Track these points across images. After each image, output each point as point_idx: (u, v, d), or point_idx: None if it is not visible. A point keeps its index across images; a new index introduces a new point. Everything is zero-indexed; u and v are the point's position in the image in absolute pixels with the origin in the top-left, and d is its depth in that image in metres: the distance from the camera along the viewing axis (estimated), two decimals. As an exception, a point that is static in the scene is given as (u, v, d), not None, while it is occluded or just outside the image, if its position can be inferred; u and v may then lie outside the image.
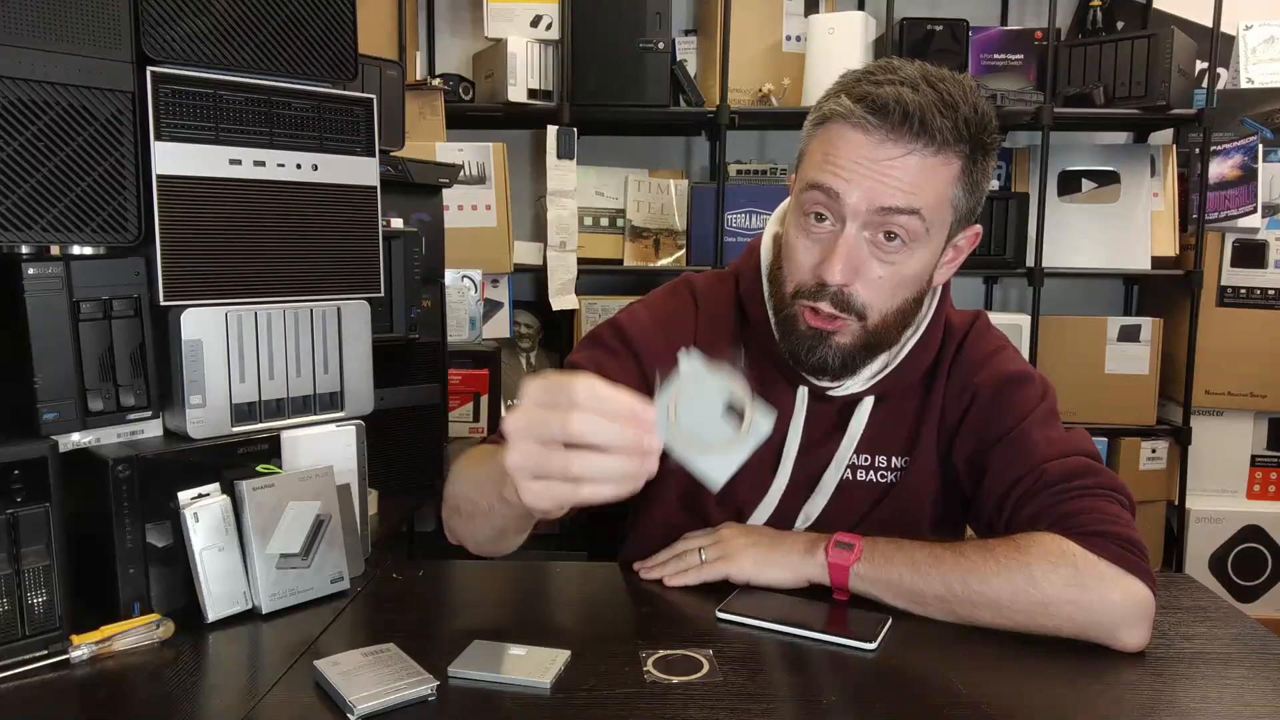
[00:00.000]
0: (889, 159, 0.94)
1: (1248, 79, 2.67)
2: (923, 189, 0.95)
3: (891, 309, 1.01)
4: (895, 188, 0.94)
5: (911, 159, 0.94)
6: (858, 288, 0.98)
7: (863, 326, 1.01)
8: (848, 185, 0.95)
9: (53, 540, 0.88)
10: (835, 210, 0.97)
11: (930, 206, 0.96)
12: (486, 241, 2.47)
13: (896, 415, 1.11)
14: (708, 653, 0.86)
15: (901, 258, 0.98)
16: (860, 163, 0.95)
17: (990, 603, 0.92)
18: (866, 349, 1.03)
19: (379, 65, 1.72)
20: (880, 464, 1.11)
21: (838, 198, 0.96)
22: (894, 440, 1.10)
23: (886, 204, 0.95)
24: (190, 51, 0.98)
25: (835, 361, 1.02)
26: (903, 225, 0.96)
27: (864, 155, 0.95)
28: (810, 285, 1.00)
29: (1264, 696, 0.81)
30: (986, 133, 0.98)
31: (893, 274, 0.98)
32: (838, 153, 0.96)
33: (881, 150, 0.94)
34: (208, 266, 1.00)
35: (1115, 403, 2.66)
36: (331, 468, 1.05)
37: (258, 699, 0.80)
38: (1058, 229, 2.66)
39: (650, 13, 2.48)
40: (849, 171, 0.95)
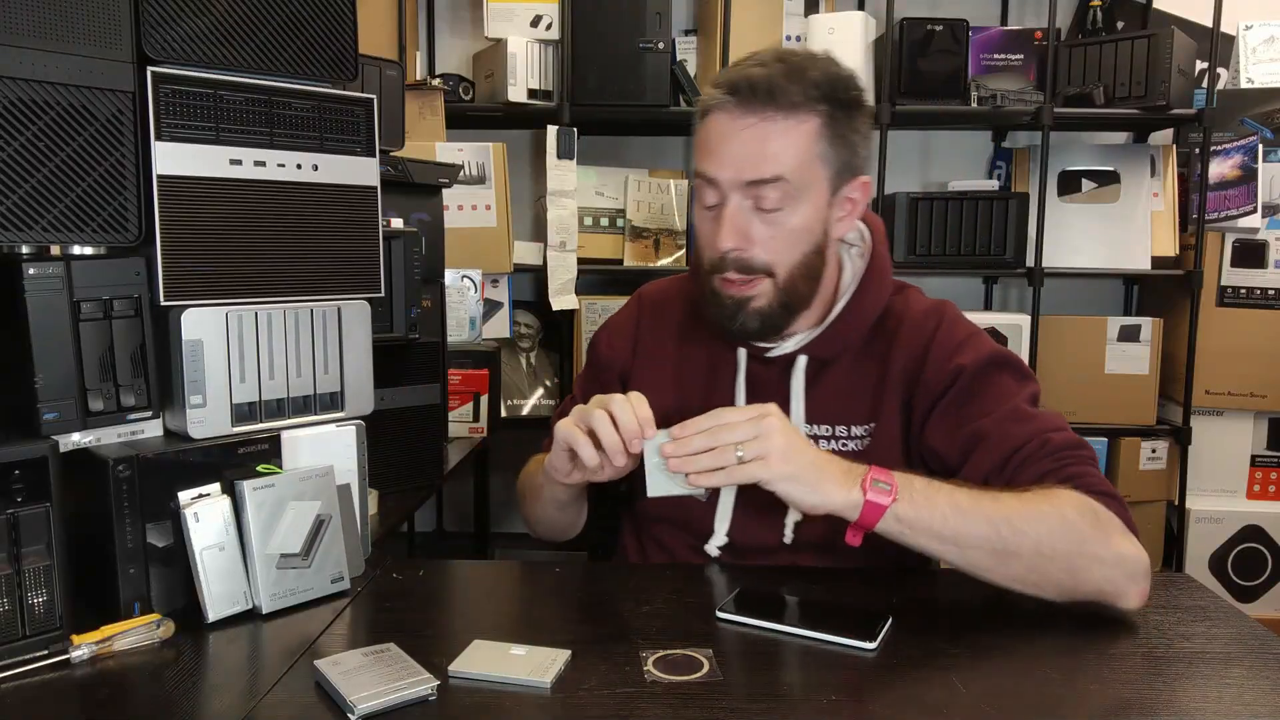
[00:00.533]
0: (746, 128, 1.05)
1: (1248, 79, 2.67)
2: (781, 153, 1.05)
3: (795, 262, 1.10)
4: (757, 159, 1.05)
5: (766, 125, 1.05)
6: (755, 250, 1.08)
7: (773, 284, 1.10)
8: (719, 166, 1.07)
9: (53, 540, 0.88)
10: (718, 190, 1.09)
11: (793, 168, 1.06)
12: (486, 241, 2.47)
13: (853, 384, 1.15)
14: (708, 653, 0.86)
15: (784, 216, 1.08)
16: (725, 141, 1.06)
17: (1030, 549, 0.94)
18: (784, 307, 1.11)
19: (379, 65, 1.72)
20: (841, 433, 1.15)
21: (715, 180, 1.08)
22: (854, 409, 1.15)
23: (750, 177, 1.06)
24: (190, 51, 0.98)
25: (754, 323, 1.11)
26: (770, 194, 1.06)
27: (727, 135, 1.06)
28: (715, 258, 1.10)
29: (1264, 696, 0.81)
30: (842, 90, 1.08)
31: (780, 232, 1.08)
32: (709, 139, 1.08)
33: (740, 123, 1.05)
34: (208, 266, 1.00)
35: (1115, 403, 2.66)
36: (331, 468, 1.05)
37: (258, 699, 0.80)
38: (1058, 229, 2.66)
39: (650, 13, 2.47)
40: (717, 154, 1.07)
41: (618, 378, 1.26)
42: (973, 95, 2.57)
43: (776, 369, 1.17)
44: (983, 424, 1.08)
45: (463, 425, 2.07)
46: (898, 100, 2.53)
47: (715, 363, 1.20)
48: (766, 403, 1.01)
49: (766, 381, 1.17)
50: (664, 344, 1.25)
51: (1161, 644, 0.91)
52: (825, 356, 1.16)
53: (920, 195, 2.57)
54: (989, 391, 1.10)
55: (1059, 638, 0.92)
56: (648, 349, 1.26)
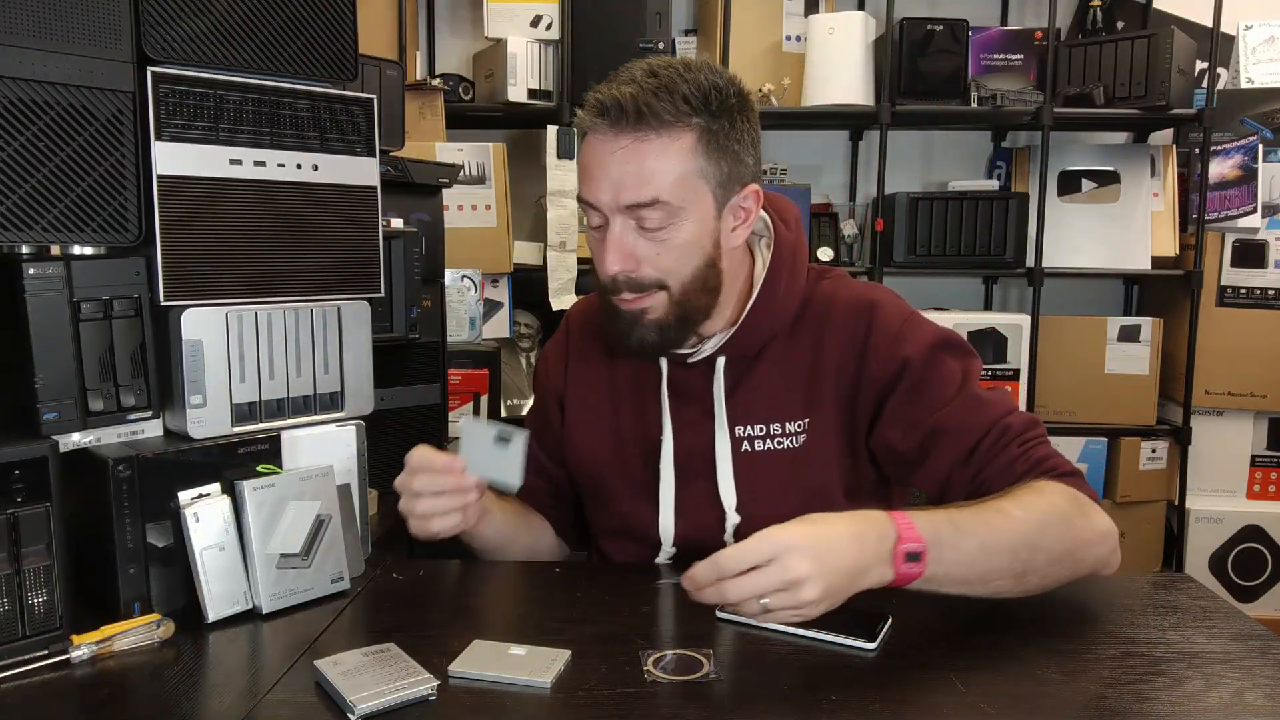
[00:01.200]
0: (620, 150, 1.02)
1: (1248, 79, 2.67)
2: (656, 174, 1.02)
3: (687, 276, 1.07)
4: (631, 182, 1.02)
5: (640, 146, 1.02)
6: (643, 269, 1.06)
7: (668, 296, 1.07)
8: (596, 190, 1.05)
9: (53, 540, 0.88)
10: (600, 214, 1.06)
11: (669, 188, 1.02)
12: (486, 241, 2.47)
13: (783, 378, 1.13)
14: (708, 653, 0.86)
15: (668, 233, 1.04)
16: (600, 165, 1.04)
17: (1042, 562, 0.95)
18: (680, 320, 1.09)
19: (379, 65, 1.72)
20: (775, 430, 1.12)
21: (595, 205, 1.06)
22: (786, 405, 1.13)
23: (627, 201, 1.03)
24: (190, 51, 0.98)
25: (651, 337, 1.09)
26: (650, 215, 1.03)
27: (601, 157, 1.04)
28: (606, 279, 1.07)
29: (1264, 696, 0.81)
30: (717, 100, 1.04)
31: (667, 249, 1.05)
32: (586, 164, 1.07)
33: (613, 144, 1.03)
34: (208, 266, 1.00)
35: (1115, 403, 2.66)
36: (331, 468, 1.05)
37: (258, 699, 0.80)
38: (1058, 229, 2.66)
39: (650, 13, 2.47)
40: (595, 179, 1.05)
41: (556, 402, 1.26)
42: (973, 95, 2.57)
43: (698, 373, 1.14)
44: (940, 418, 1.06)
45: (463, 425, 2.07)
46: (898, 100, 2.53)
47: (640, 374, 1.19)
48: (763, 533, 0.85)
49: (690, 386, 1.15)
50: (594, 361, 1.23)
51: (1161, 644, 0.91)
52: (745, 354, 1.13)
53: (920, 195, 2.57)
54: (937, 380, 1.08)
55: (1059, 638, 0.92)
56: (578, 369, 1.24)
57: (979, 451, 1.05)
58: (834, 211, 2.81)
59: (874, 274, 2.59)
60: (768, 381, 1.13)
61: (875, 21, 2.60)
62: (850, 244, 2.73)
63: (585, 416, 1.22)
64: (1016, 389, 2.59)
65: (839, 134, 2.95)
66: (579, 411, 1.23)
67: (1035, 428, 1.07)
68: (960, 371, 1.09)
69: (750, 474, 1.12)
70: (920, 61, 2.52)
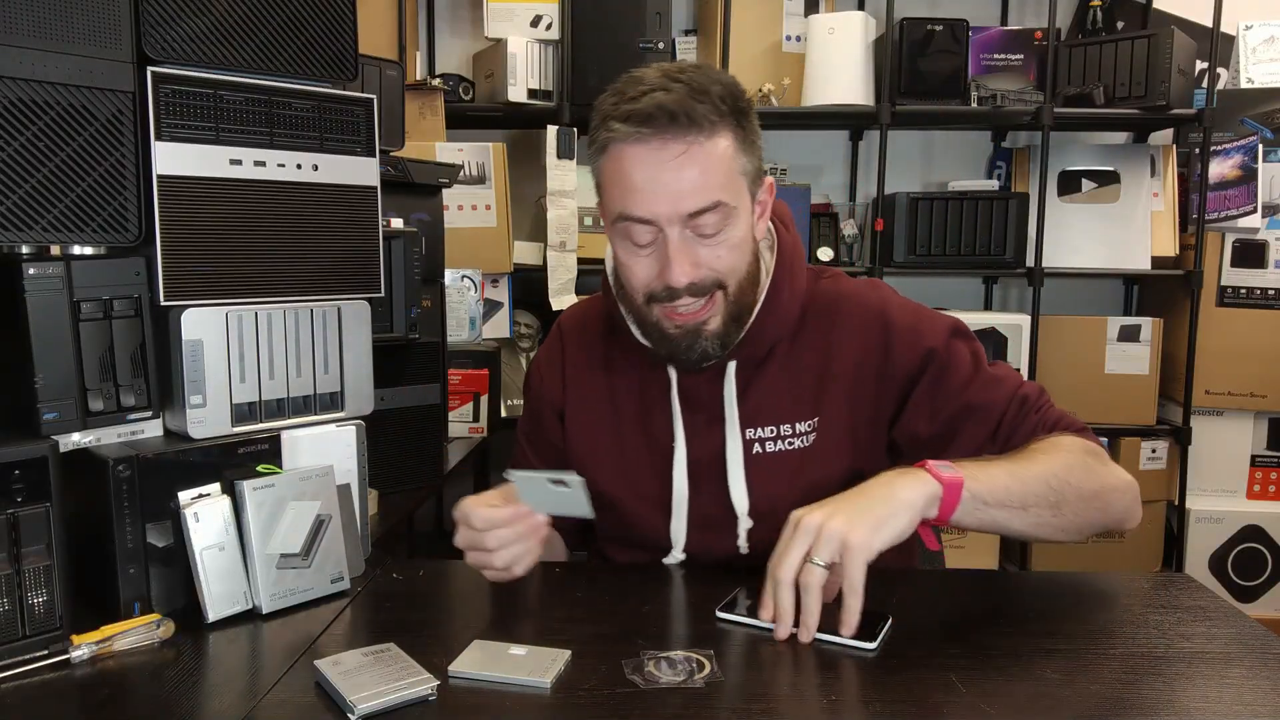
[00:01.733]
0: (675, 158, 0.99)
1: (1248, 79, 2.67)
2: (711, 176, 1.01)
3: (742, 273, 1.07)
4: (691, 188, 1.00)
5: (693, 151, 1.00)
6: (704, 271, 1.04)
7: (724, 296, 1.06)
8: (653, 205, 1.01)
9: (53, 540, 0.88)
10: (653, 228, 1.02)
11: (725, 188, 1.02)
12: (486, 241, 2.47)
13: (792, 379, 1.14)
14: (708, 653, 0.86)
15: (726, 234, 1.04)
16: (653, 177, 1.00)
17: (1074, 495, 1.00)
18: (734, 322, 1.08)
19: (379, 65, 1.72)
20: (786, 431, 1.13)
21: (650, 221, 1.02)
22: (795, 405, 1.14)
23: (690, 209, 1.01)
24: (190, 51, 0.98)
25: (715, 348, 1.08)
26: (713, 216, 1.02)
27: (653, 170, 1.00)
28: (660, 291, 1.04)
29: (1264, 696, 0.81)
30: (741, 99, 1.04)
31: (724, 249, 1.04)
32: (630, 178, 1.01)
33: (665, 154, 0.99)
34: (208, 266, 1.00)
35: (1115, 403, 2.66)
36: (331, 468, 1.05)
37: (258, 699, 0.80)
38: (1058, 229, 2.66)
39: (650, 13, 2.47)
40: (647, 192, 1.00)
41: (555, 415, 1.23)
42: (973, 95, 2.57)
43: (707, 379, 1.13)
44: (964, 399, 1.10)
45: (463, 425, 2.07)
46: (898, 100, 2.53)
47: (645, 381, 1.17)
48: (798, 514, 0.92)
49: (699, 393, 1.14)
50: (592, 370, 1.21)
51: (1161, 644, 0.91)
52: (755, 357, 1.13)
53: (920, 195, 2.57)
54: (956, 364, 1.12)
55: (1059, 638, 0.92)
56: (577, 380, 1.22)
57: (1004, 425, 1.10)
58: (834, 211, 2.81)
59: (874, 274, 2.59)
60: (777, 383, 1.14)
61: (875, 21, 2.60)
62: (850, 244, 2.73)
63: (588, 428, 1.21)
64: (1016, 389, 2.59)
65: (839, 134, 2.95)
66: (581, 423, 1.21)
67: (1045, 394, 1.13)
68: (970, 353, 1.13)
69: (761, 476, 1.12)
70: (920, 61, 2.52)
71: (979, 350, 1.15)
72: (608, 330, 1.21)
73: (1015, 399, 1.10)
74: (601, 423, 1.20)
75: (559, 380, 1.24)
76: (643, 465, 1.16)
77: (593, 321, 1.25)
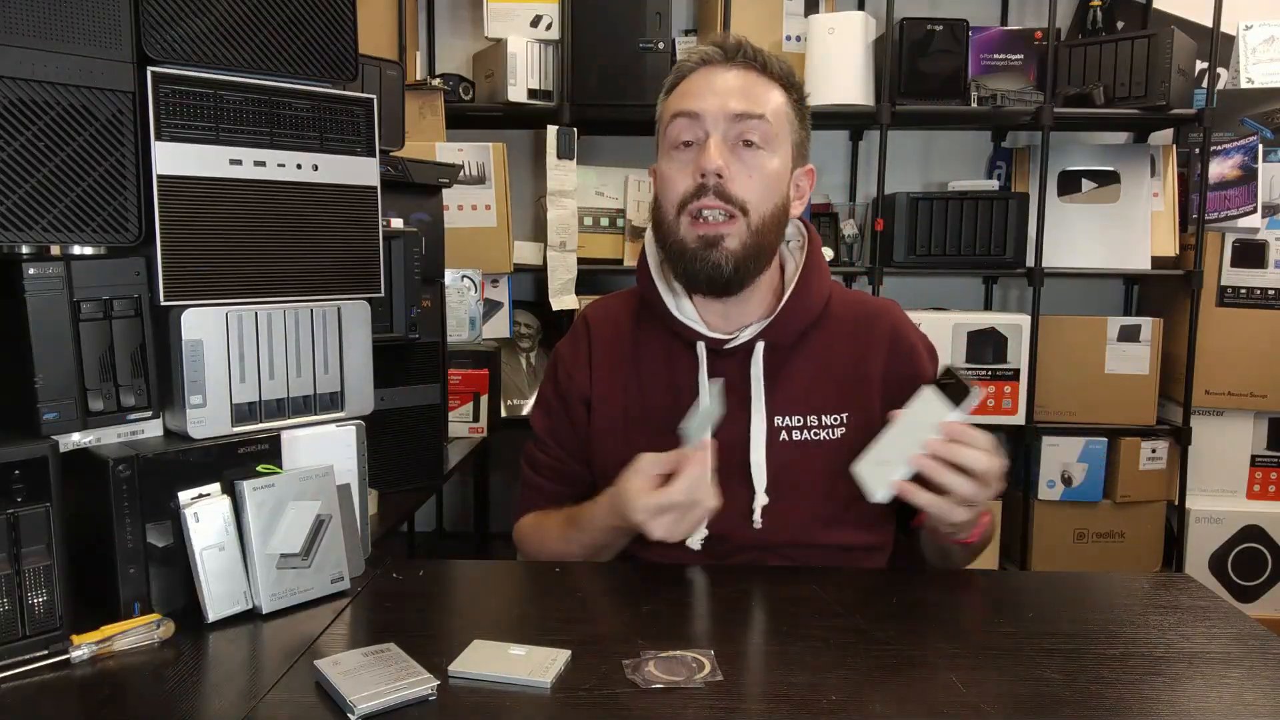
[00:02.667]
0: (736, 74, 1.14)
1: (1248, 79, 2.67)
2: (762, 99, 1.13)
3: (767, 208, 1.13)
4: (745, 95, 1.12)
5: (750, 74, 1.14)
6: (734, 181, 1.11)
7: (747, 224, 1.12)
8: (705, 101, 1.12)
9: (53, 540, 0.88)
10: (698, 130, 1.13)
11: (772, 113, 1.13)
12: (486, 241, 2.47)
13: (819, 373, 1.19)
14: (709, 653, 0.86)
15: (762, 157, 1.13)
16: (711, 84, 1.13)
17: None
18: (754, 252, 1.13)
19: (379, 65, 1.72)
20: (813, 422, 1.17)
21: (698, 116, 1.12)
22: (823, 399, 1.18)
23: (738, 110, 1.11)
24: (191, 51, 0.98)
25: (729, 264, 1.12)
26: (755, 129, 1.12)
27: (712, 79, 1.14)
28: (691, 189, 1.12)
29: (1264, 696, 0.81)
30: (796, 81, 1.18)
31: (759, 172, 1.12)
32: (692, 86, 1.15)
33: (726, 71, 1.14)
34: (208, 266, 1.00)
35: (1115, 403, 2.66)
36: (331, 468, 1.05)
37: (258, 699, 0.80)
38: (1058, 229, 2.66)
39: (650, 13, 2.47)
40: (703, 93, 1.13)
41: (582, 405, 1.26)
42: (973, 95, 2.57)
43: (736, 360, 1.18)
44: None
45: (463, 425, 2.07)
46: (898, 100, 2.53)
47: (673, 363, 1.21)
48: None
49: (729, 373, 1.18)
50: (619, 359, 1.25)
51: (1161, 644, 0.91)
52: (781, 342, 1.18)
53: (920, 195, 2.57)
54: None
55: (1059, 638, 0.92)
56: (603, 369, 1.25)
57: None
58: (834, 211, 2.81)
59: (874, 274, 2.59)
60: (806, 375, 1.18)
61: (875, 21, 2.60)
62: (850, 244, 2.73)
63: (615, 415, 1.23)
64: (1016, 389, 2.59)
65: (839, 134, 2.95)
66: (608, 411, 1.23)
67: None
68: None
69: (784, 460, 1.15)
70: (920, 61, 2.52)
71: None
72: (637, 317, 1.25)
73: None
74: (628, 407, 1.22)
75: (586, 370, 1.26)
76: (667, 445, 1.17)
77: (622, 310, 1.29)
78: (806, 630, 0.92)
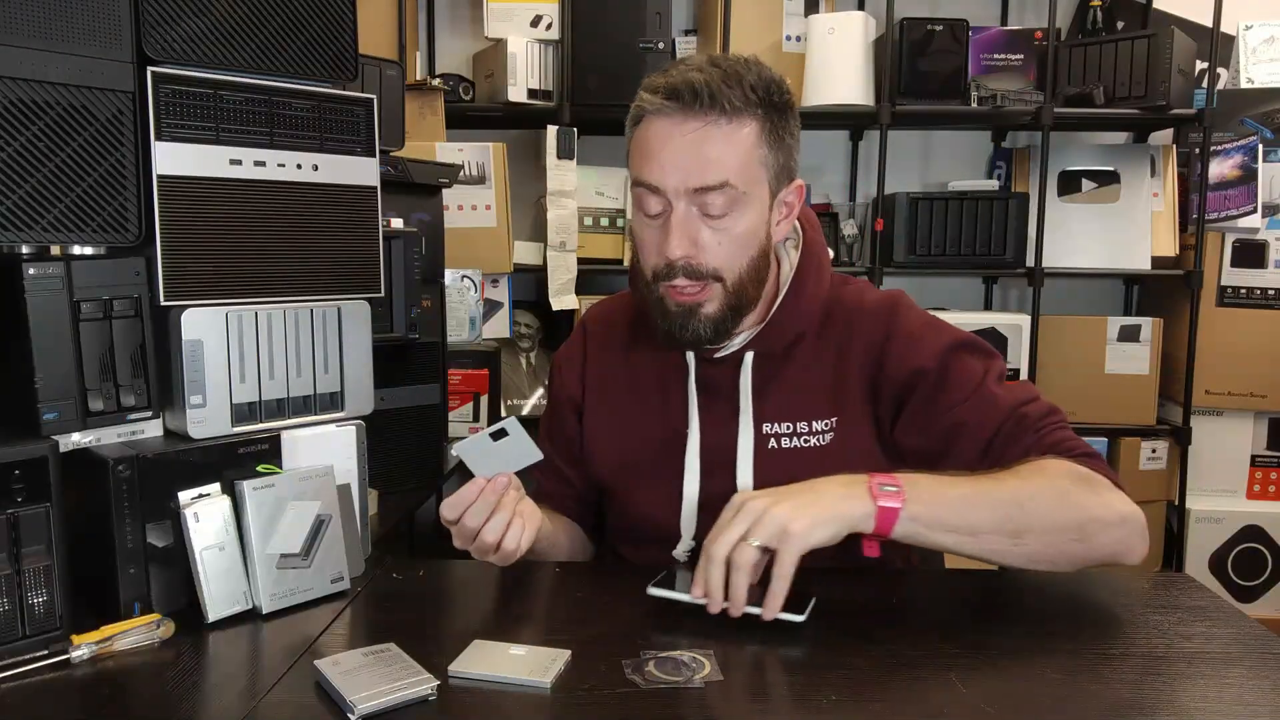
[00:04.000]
0: (693, 133, 1.03)
1: (1248, 79, 2.67)
2: (726, 158, 1.04)
3: (743, 267, 1.09)
4: (703, 165, 1.03)
5: (710, 130, 1.03)
6: (703, 256, 1.06)
7: (723, 288, 1.08)
8: (664, 174, 1.05)
9: (53, 540, 0.88)
10: (662, 198, 1.06)
11: (737, 173, 1.04)
12: (486, 241, 2.47)
13: (809, 379, 1.15)
14: (709, 653, 0.86)
15: (730, 222, 1.06)
16: (669, 149, 1.04)
17: (1040, 525, 0.96)
18: (733, 311, 1.10)
19: (379, 65, 1.72)
20: (803, 429, 1.14)
21: (659, 188, 1.05)
22: (813, 404, 1.15)
23: (697, 184, 1.04)
24: (191, 51, 0.98)
25: (707, 330, 1.10)
26: (716, 199, 1.04)
27: (671, 141, 1.04)
28: (661, 267, 1.08)
29: (1264, 696, 0.81)
30: (776, 94, 1.07)
31: (727, 238, 1.07)
32: (650, 146, 1.06)
33: (684, 129, 1.04)
34: (208, 266, 1.00)
35: (1115, 403, 2.66)
36: (331, 468, 1.05)
37: (258, 699, 0.80)
38: (1058, 229, 2.66)
39: (650, 13, 2.48)
40: (662, 162, 1.05)
41: (573, 411, 1.26)
42: (973, 95, 2.57)
43: (726, 368, 1.16)
44: (959, 413, 1.08)
45: (463, 425, 2.07)
46: (898, 100, 2.53)
47: (665, 371, 1.19)
48: (734, 497, 0.96)
49: (718, 382, 1.16)
50: (613, 365, 1.24)
51: (1161, 644, 0.91)
52: (772, 351, 1.15)
53: (920, 195, 2.57)
54: (956, 378, 1.10)
55: (1059, 638, 0.92)
56: (596, 375, 1.25)
57: (995, 444, 1.07)
58: (834, 211, 2.81)
59: (874, 274, 2.59)
60: (795, 381, 1.15)
61: (875, 21, 2.60)
62: (850, 244, 2.73)
63: (605, 419, 1.23)
64: (1016, 389, 2.59)
65: (839, 134, 2.95)
66: (599, 415, 1.23)
67: (1054, 414, 1.09)
68: (981, 370, 1.11)
69: (772, 469, 1.13)
70: (920, 61, 2.52)
71: (993, 367, 1.13)
72: (634, 320, 1.24)
73: (1013, 417, 1.07)
74: (619, 412, 1.22)
75: (577, 376, 1.26)
76: (657, 451, 1.18)
77: (619, 314, 1.28)
78: (806, 630, 0.92)
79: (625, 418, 1.21)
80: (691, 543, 1.16)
